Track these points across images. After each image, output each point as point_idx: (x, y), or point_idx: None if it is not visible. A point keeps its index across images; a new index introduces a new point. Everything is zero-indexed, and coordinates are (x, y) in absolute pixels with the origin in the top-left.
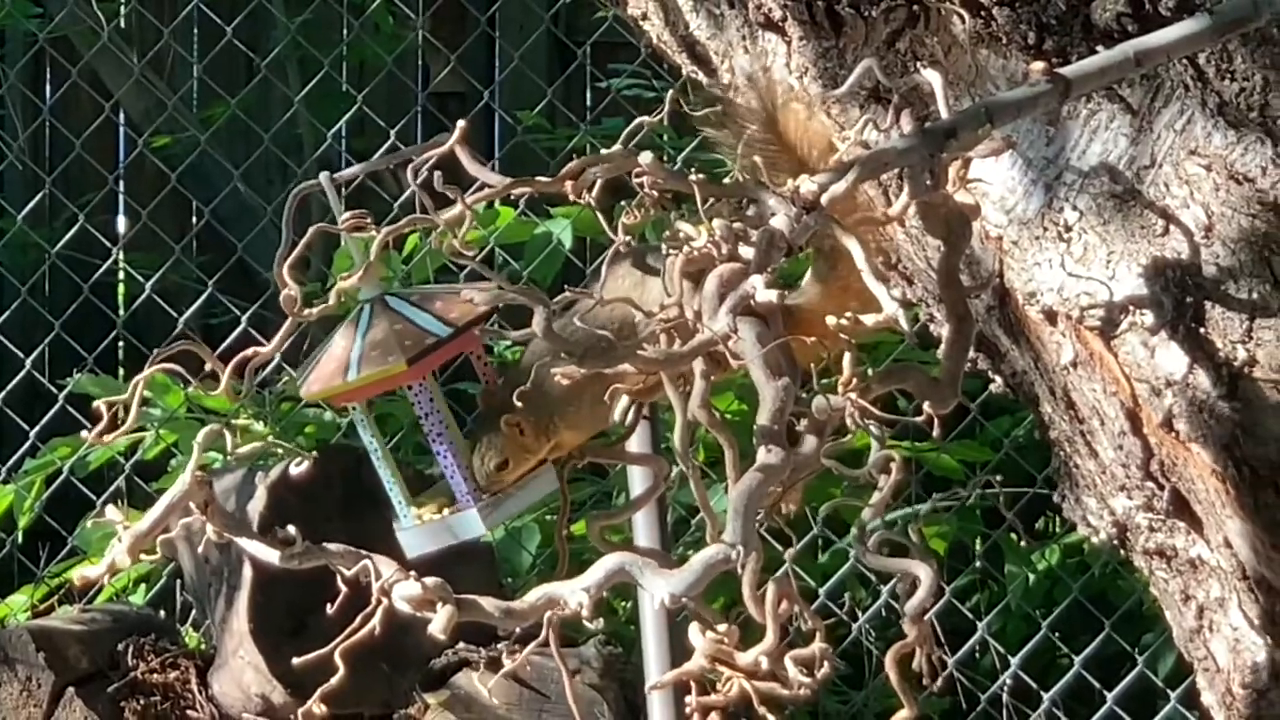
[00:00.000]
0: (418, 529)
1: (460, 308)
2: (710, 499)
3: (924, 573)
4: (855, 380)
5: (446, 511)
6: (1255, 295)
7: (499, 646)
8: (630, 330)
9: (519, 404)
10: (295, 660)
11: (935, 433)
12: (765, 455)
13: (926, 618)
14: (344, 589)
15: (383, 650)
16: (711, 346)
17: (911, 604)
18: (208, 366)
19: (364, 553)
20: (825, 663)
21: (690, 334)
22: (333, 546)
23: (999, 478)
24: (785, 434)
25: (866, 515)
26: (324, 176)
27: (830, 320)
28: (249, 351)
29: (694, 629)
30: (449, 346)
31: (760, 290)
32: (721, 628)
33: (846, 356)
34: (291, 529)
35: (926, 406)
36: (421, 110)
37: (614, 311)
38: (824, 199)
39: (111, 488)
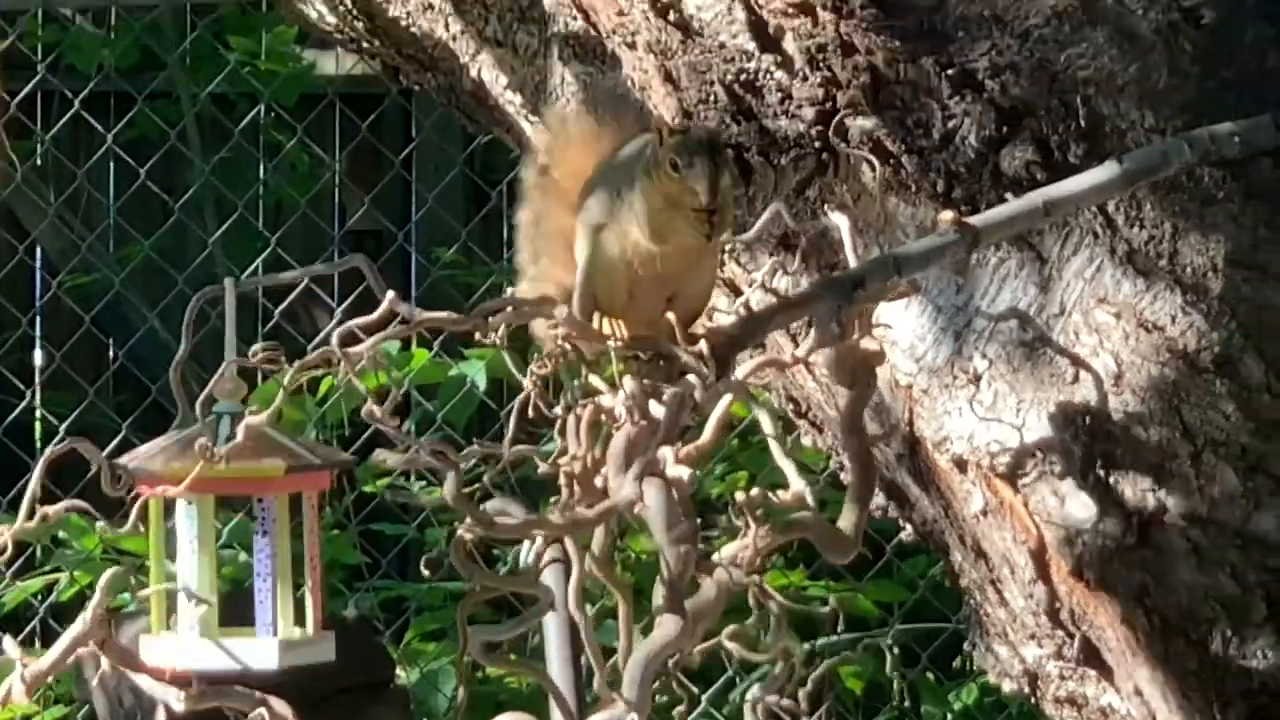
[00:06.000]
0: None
1: (324, 449)
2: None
3: None
4: (758, 532)
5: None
6: (1165, 442)
7: None
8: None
9: None
10: None
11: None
12: (666, 624)
13: None
14: None
15: None
16: (615, 514)
17: None
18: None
19: (259, 694)
20: None
21: (589, 481)
22: (231, 688)
23: (901, 627)
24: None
25: (756, 692)
26: (228, 282)
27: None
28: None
29: None
30: (320, 474)
31: (670, 465)
32: None
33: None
34: None
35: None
36: (338, 250)
37: None
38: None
39: (26, 629)
